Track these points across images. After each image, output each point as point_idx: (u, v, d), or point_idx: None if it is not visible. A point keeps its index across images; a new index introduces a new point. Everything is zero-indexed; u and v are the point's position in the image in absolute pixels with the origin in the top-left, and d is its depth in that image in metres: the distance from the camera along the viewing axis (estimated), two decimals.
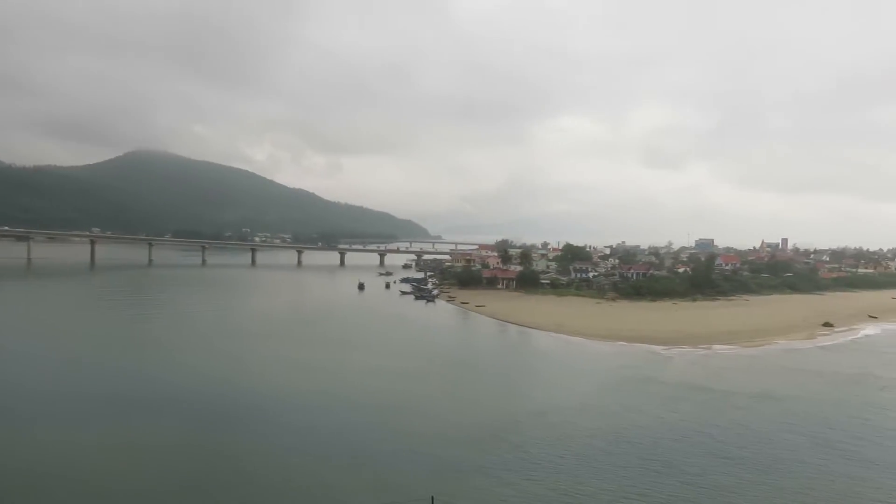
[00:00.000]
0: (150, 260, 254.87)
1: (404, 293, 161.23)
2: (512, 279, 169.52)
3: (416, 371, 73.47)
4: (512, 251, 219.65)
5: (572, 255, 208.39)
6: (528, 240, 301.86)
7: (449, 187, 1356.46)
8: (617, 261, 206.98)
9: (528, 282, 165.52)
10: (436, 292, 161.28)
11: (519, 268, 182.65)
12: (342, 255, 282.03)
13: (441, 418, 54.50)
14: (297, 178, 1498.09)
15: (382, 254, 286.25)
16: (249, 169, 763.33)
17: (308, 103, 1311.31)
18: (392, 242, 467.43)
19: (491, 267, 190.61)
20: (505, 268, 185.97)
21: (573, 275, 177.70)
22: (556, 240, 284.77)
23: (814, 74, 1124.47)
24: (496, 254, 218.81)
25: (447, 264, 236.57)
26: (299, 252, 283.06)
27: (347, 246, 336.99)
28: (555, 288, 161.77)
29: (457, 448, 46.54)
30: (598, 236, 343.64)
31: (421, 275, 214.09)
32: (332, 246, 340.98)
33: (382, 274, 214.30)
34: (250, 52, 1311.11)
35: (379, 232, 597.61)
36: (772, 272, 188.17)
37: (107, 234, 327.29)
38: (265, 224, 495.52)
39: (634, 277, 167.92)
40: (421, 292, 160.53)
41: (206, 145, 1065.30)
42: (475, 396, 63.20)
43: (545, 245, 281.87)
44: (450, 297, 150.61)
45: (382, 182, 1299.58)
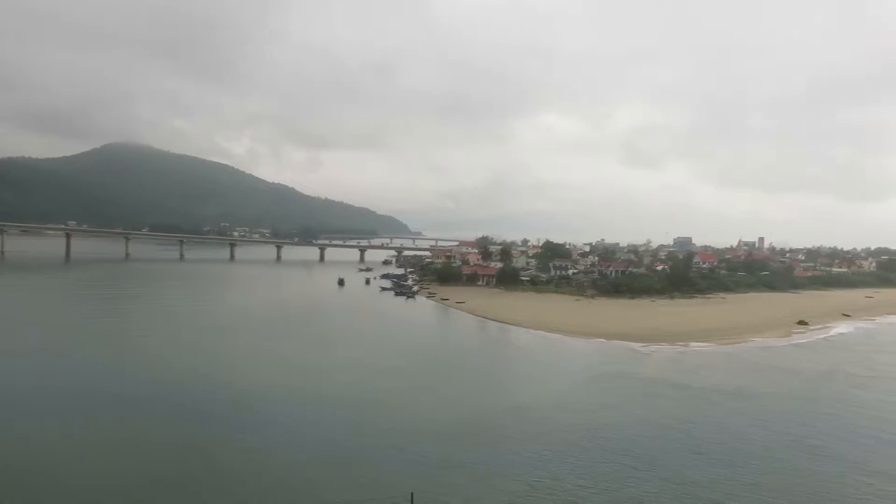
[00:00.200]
0: (127, 254, 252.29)
1: (384, 289, 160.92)
2: (492, 276, 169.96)
3: (396, 367, 73.31)
4: (492, 248, 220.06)
5: (552, 253, 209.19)
6: (509, 237, 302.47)
7: (430, 183, 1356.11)
8: (596, 258, 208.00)
9: (509, 278, 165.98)
10: (416, 288, 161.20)
11: (499, 265, 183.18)
12: (322, 251, 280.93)
13: (420, 414, 54.48)
14: (277, 173, 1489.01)
15: (363, 249, 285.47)
16: (229, 163, 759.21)
17: (289, 97, 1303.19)
18: (373, 238, 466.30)
19: (471, 263, 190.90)
20: (485, 264, 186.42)
21: (553, 272, 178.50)
22: (537, 237, 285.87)
23: (792, 76, 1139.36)
24: (477, 250, 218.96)
25: (427, 260, 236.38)
26: (278, 247, 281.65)
27: (327, 241, 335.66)
28: (535, 285, 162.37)
29: (437, 444, 46.55)
30: (579, 234, 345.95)
31: (401, 271, 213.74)
32: (307, 241, 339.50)
33: (362, 270, 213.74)
34: (230, 46, 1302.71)
35: (359, 227, 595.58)
36: (748, 271, 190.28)
37: (83, 228, 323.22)
38: (244, 219, 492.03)
39: (613, 275, 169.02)
40: (401, 288, 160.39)
41: (185, 139, 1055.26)
42: (455, 392, 63.27)
43: (525, 242, 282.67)
44: (430, 294, 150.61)
45: (363, 177, 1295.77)
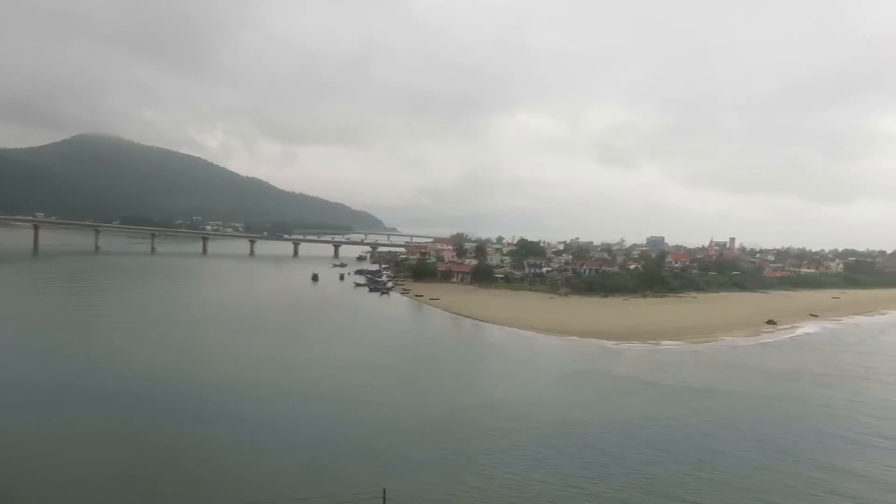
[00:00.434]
0: (97, 247, 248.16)
1: (358, 285, 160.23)
2: (467, 273, 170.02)
3: (369, 363, 73.09)
4: (467, 245, 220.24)
5: (527, 251, 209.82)
6: (484, 234, 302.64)
7: (406, 179, 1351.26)
8: (570, 256, 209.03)
9: (483, 276, 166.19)
10: (390, 284, 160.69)
11: (474, 261, 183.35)
12: (296, 246, 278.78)
13: (393, 410, 54.41)
14: (251, 167, 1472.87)
15: (337, 245, 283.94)
16: (202, 156, 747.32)
17: (263, 91, 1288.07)
18: (347, 234, 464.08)
19: (446, 260, 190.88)
20: (460, 261, 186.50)
21: (527, 270, 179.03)
22: (512, 234, 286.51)
23: (762, 79, 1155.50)
24: (451, 247, 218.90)
25: (402, 256, 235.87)
26: (252, 241, 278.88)
27: (301, 236, 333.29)
28: (509, 282, 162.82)
29: (409, 441, 46.57)
30: (553, 232, 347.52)
31: (376, 267, 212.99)
32: (277, 236, 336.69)
33: (337, 265, 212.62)
34: (204, 37, 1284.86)
35: (334, 223, 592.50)
36: (719, 270, 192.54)
37: (51, 220, 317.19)
38: (217, 212, 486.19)
39: (587, 273, 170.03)
40: (375, 284, 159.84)
41: (157, 131, 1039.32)
42: (428, 389, 63.25)
43: (500, 240, 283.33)
44: (404, 290, 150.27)
45: (338, 172, 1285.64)
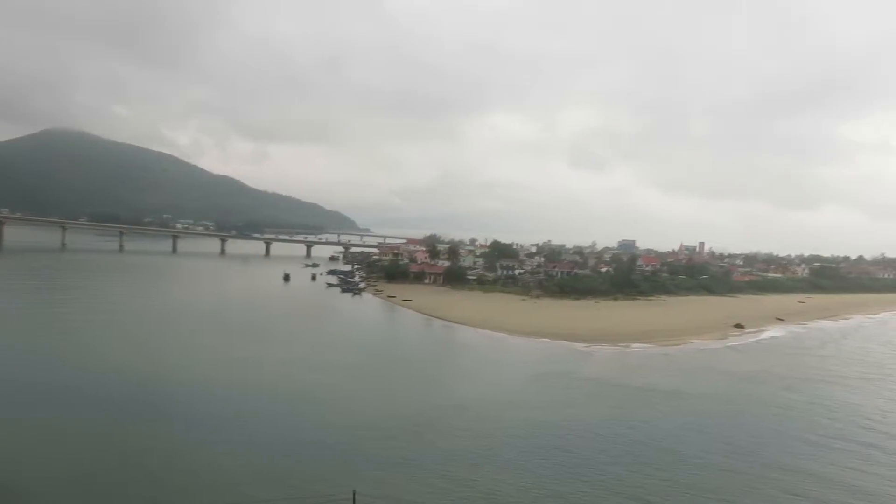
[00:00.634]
0: (64, 244, 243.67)
1: (331, 285, 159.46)
2: (439, 274, 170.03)
3: (340, 364, 72.85)
4: (440, 246, 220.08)
5: (499, 253, 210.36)
6: (457, 235, 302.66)
7: (379, 180, 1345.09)
8: (543, 259, 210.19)
9: (455, 277, 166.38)
10: (362, 285, 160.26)
11: (446, 263, 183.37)
12: (267, 245, 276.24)
13: (364, 411, 54.30)
14: (223, 165, 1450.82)
15: (309, 245, 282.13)
16: (172, 153, 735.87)
17: (236, 88, 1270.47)
18: (320, 234, 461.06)
19: (419, 261, 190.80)
20: (433, 262, 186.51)
21: (500, 271, 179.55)
22: (485, 236, 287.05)
23: (735, 85, 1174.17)
24: (424, 248, 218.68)
25: (375, 257, 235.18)
26: (223, 240, 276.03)
27: (273, 236, 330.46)
28: (481, 284, 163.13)
29: (380, 442, 46.52)
30: (526, 234, 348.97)
31: (348, 267, 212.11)
32: (246, 235, 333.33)
33: (309, 265, 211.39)
34: (176, 33, 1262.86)
35: (306, 222, 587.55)
36: (689, 274, 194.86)
37: (16, 216, 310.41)
38: (188, 210, 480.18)
39: (559, 276, 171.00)
40: (347, 285, 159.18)
41: (127, 127, 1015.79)
42: (399, 390, 63.19)
43: (473, 241, 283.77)
44: (377, 291, 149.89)
45: (311, 172, 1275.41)
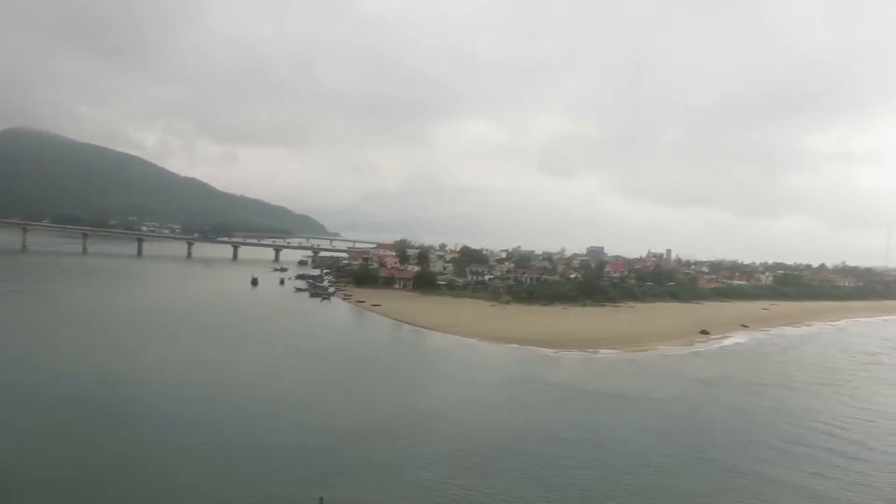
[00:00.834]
0: (24, 246, 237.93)
1: (299, 290, 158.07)
2: (409, 279, 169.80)
3: (307, 370, 72.39)
4: (410, 251, 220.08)
5: (469, 258, 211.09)
6: (427, 240, 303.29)
7: (349, 184, 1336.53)
8: (512, 265, 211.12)
9: (425, 282, 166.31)
10: (332, 290, 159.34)
11: (416, 268, 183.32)
12: (235, 249, 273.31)
13: (332, 417, 53.93)
14: (190, 167, 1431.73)
15: (278, 249, 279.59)
16: (138, 154, 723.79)
17: (203, 89, 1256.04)
18: (289, 238, 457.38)
19: (388, 266, 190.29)
20: (402, 267, 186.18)
21: (469, 277, 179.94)
22: (455, 241, 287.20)
23: (700, 94, 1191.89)
24: (394, 253, 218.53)
25: (344, 262, 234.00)
26: (189, 243, 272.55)
27: (241, 239, 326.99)
28: (451, 289, 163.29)
29: (348, 447, 46.19)
30: (496, 239, 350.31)
31: (317, 272, 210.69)
32: (210, 238, 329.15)
33: (277, 269, 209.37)
34: (142, 31, 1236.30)
35: (275, 226, 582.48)
36: (656, 281, 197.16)
37: None
38: (154, 213, 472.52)
39: (528, 282, 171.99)
40: (316, 290, 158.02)
41: (92, 127, 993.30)
42: (367, 395, 62.81)
43: (443, 246, 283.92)
44: (346, 296, 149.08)
45: (280, 175, 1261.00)
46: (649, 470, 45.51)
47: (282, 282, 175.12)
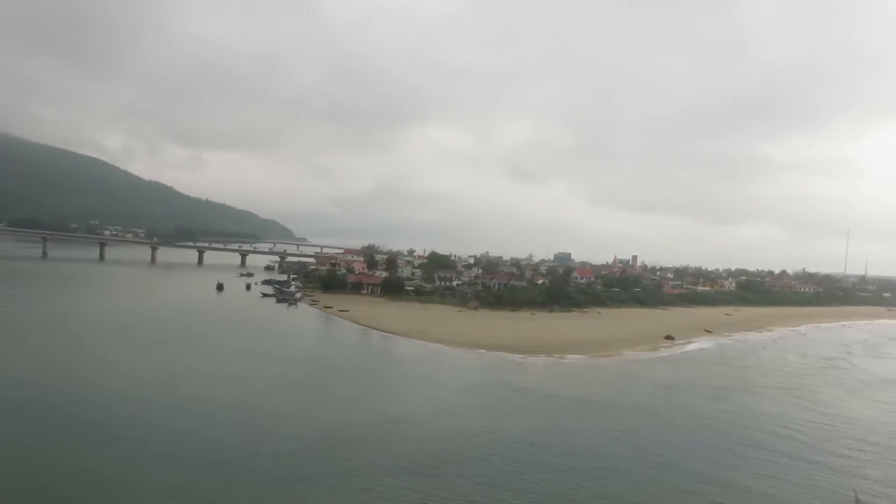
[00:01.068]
0: None
1: (266, 295, 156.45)
2: (377, 285, 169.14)
3: (273, 375, 71.43)
4: (378, 257, 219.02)
5: (438, 264, 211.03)
6: (395, 246, 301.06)
7: (316, 189, 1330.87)
8: (480, 270, 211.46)
9: (393, 288, 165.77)
10: (299, 295, 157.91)
11: (384, 273, 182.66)
12: (201, 254, 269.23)
13: (296, 423, 53.43)
14: (154, 170, 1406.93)
15: (244, 254, 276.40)
16: (100, 157, 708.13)
17: (168, 92, 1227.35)
18: (255, 242, 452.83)
19: (356, 272, 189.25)
20: (370, 273, 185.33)
21: (437, 283, 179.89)
22: (423, 247, 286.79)
23: (663, 103, 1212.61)
24: (362, 259, 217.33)
25: (312, 267, 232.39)
26: (153, 248, 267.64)
27: (207, 244, 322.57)
28: (419, 295, 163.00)
29: (312, 454, 45.84)
30: (464, 245, 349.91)
31: (284, 277, 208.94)
32: (171, 242, 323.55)
33: (243, 274, 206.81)
34: (102, 31, 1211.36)
35: (241, 231, 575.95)
36: (622, 287, 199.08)
37: None
38: (117, 217, 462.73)
39: (496, 287, 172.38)
40: (283, 295, 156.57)
41: (50, 128, 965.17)
42: (333, 401, 62.52)
43: (411, 252, 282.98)
44: (313, 301, 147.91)
45: (247, 179, 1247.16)
46: (615, 475, 45.86)
47: (248, 287, 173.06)
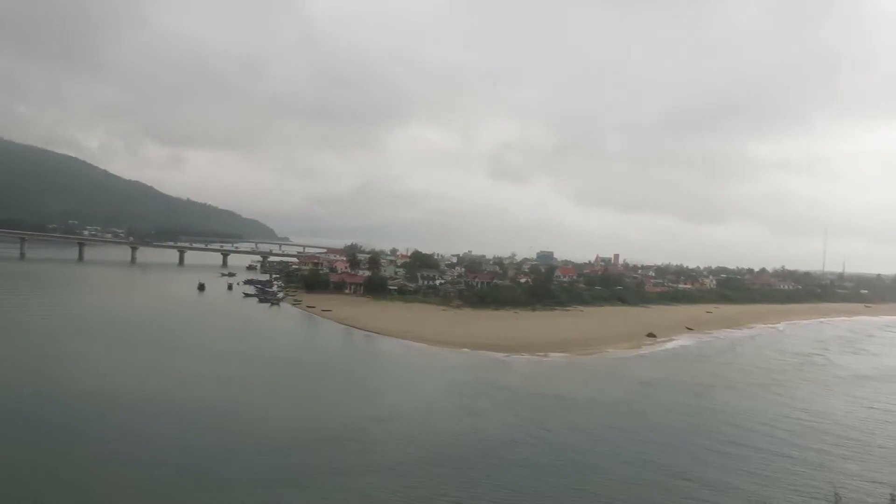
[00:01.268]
0: None
1: (248, 295, 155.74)
2: (360, 284, 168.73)
3: (256, 376, 71.08)
4: (361, 256, 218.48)
5: (421, 263, 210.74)
6: (378, 245, 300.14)
7: (299, 188, 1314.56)
8: (463, 269, 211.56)
9: (376, 287, 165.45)
10: (281, 295, 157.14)
11: (367, 273, 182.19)
12: (182, 254, 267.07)
13: (277, 424, 53.16)
14: (135, 170, 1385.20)
15: (226, 253, 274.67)
16: (80, 156, 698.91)
17: (148, 91, 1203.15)
18: (237, 242, 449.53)
19: (339, 271, 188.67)
20: (353, 272, 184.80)
21: (421, 282, 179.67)
22: (406, 246, 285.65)
23: (646, 102, 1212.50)
24: (345, 258, 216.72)
25: (294, 267, 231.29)
26: (133, 248, 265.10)
27: (188, 244, 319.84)
28: (402, 294, 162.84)
29: (293, 454, 45.63)
30: (447, 244, 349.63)
31: (266, 277, 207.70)
32: (161, 243, 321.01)
33: (225, 274, 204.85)
34: (81, 28, 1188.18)
35: (223, 230, 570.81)
36: (605, 285, 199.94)
37: None
38: (97, 217, 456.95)
39: (479, 286, 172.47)
40: (265, 295, 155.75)
41: (28, 127, 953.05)
42: (316, 401, 62.27)
43: (394, 251, 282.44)
44: (295, 301, 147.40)
45: (228, 179, 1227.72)
46: (597, 473, 46.10)
47: (230, 287, 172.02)
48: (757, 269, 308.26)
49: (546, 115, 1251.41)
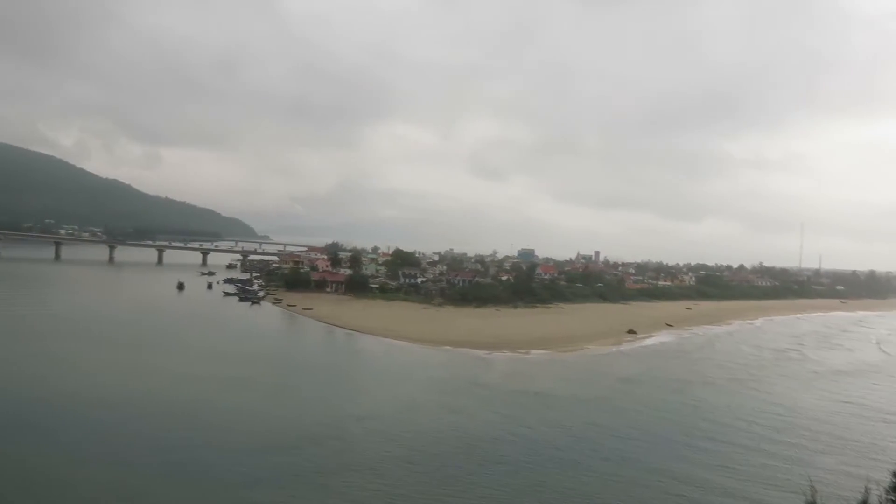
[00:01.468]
0: None
1: (228, 294, 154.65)
2: (341, 282, 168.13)
3: (235, 375, 70.46)
4: (342, 254, 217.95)
5: (402, 261, 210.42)
6: (359, 244, 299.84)
7: (279, 187, 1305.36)
8: (445, 267, 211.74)
9: (358, 286, 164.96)
10: (262, 294, 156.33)
11: (349, 271, 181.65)
12: (160, 253, 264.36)
13: (257, 423, 52.87)
14: (112, 168, 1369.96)
15: (205, 252, 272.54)
16: (55, 154, 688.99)
17: (123, 88, 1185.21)
18: (216, 241, 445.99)
19: (320, 270, 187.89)
20: (334, 271, 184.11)
21: (402, 280, 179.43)
22: (387, 245, 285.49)
23: (624, 100, 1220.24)
24: (326, 256, 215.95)
25: (275, 265, 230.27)
26: (111, 247, 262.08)
27: (167, 243, 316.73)
28: (384, 292, 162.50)
29: (271, 454, 45.36)
30: (428, 243, 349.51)
31: (246, 275, 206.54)
32: (139, 242, 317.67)
33: (205, 273, 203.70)
34: (56, 25, 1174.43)
35: (202, 229, 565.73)
36: (585, 282, 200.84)
37: None
38: (73, 215, 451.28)
39: (461, 284, 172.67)
40: (246, 293, 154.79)
41: (1, 125, 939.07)
42: (295, 400, 62.07)
43: (375, 250, 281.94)
44: (276, 300, 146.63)
45: (207, 177, 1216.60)
46: (576, 469, 46.38)
47: (210, 286, 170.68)
48: (735, 266, 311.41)
49: (526, 113, 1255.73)
